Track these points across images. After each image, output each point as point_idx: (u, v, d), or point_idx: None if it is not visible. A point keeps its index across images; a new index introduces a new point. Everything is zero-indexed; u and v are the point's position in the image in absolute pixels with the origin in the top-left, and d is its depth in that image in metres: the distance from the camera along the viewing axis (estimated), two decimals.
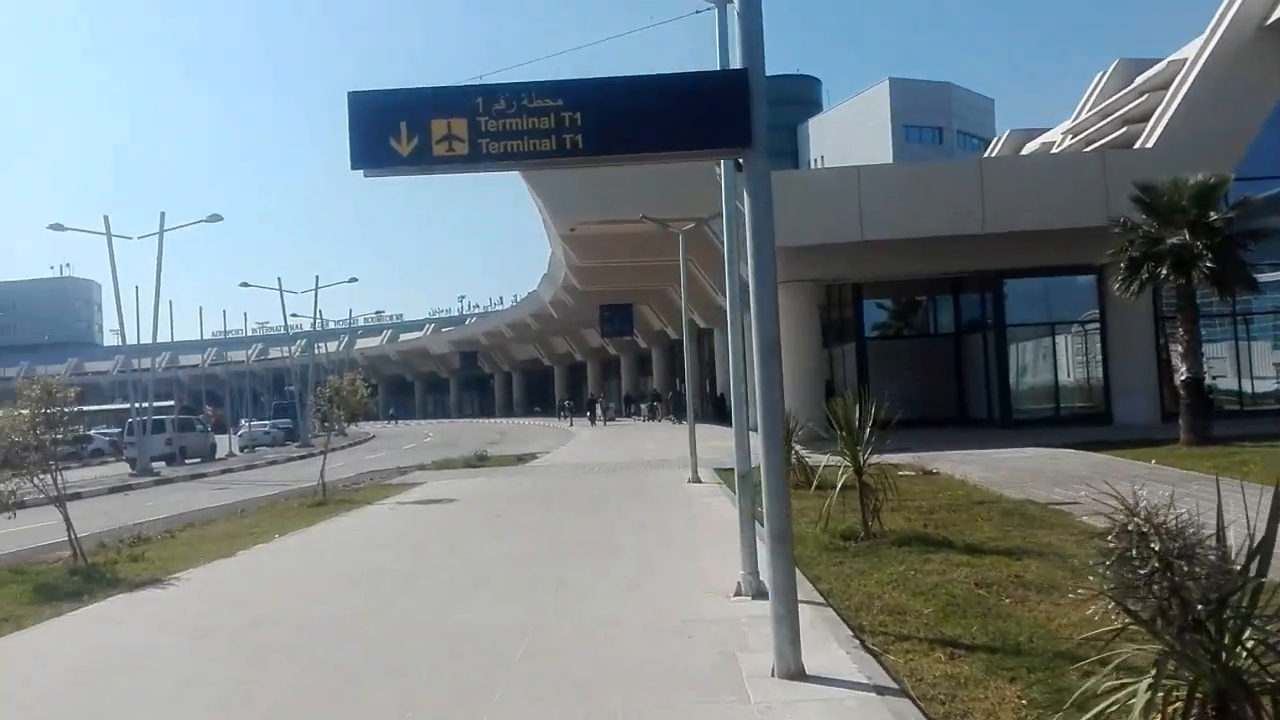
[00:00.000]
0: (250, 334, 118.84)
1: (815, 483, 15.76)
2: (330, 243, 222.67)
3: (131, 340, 40.54)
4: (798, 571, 8.61)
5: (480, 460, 24.16)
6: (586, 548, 10.30)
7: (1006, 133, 46.07)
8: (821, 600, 7.36)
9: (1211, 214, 19.31)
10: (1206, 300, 28.18)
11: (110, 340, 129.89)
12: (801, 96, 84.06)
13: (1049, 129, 42.13)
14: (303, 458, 38.54)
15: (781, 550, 5.17)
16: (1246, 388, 28.03)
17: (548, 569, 9.10)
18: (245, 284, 51.80)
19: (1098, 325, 27.73)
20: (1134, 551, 3.61)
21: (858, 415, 10.63)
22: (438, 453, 32.31)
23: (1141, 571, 3.63)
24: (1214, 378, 27.42)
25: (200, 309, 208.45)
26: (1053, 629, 6.54)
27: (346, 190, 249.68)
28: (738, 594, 7.48)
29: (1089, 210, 24.49)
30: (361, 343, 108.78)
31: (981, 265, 26.82)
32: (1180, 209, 19.41)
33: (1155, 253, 19.38)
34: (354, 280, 60.09)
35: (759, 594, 7.25)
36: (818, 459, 16.73)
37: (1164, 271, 19.15)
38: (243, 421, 55.34)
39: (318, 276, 60.99)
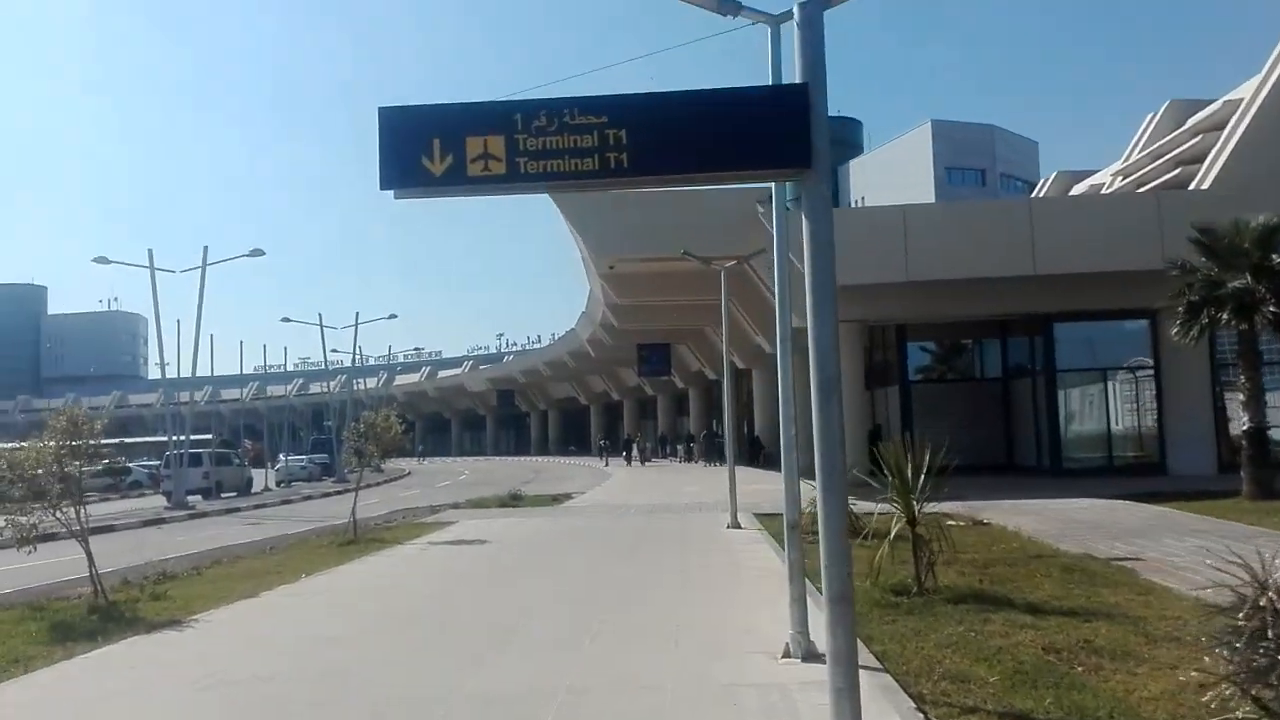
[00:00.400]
0: (291, 369, 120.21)
1: (864, 533, 15.19)
2: (372, 280, 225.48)
3: (173, 374, 40.82)
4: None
5: (514, 500, 23.73)
6: (622, 596, 9.78)
7: (1054, 175, 45.42)
8: (877, 664, 6.79)
9: (1274, 257, 18.60)
10: (1266, 347, 27.25)
11: (154, 374, 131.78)
12: (842, 138, 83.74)
13: (1097, 171, 41.46)
14: (338, 493, 38.37)
15: (842, 613, 4.66)
16: None
17: (581, 619, 8.61)
18: (287, 319, 52.52)
19: (1151, 371, 26.85)
20: (1270, 632, 3.05)
21: (910, 461, 10.05)
22: (472, 491, 31.96)
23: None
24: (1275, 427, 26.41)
25: (241, 343, 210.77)
26: (1133, 703, 5.93)
27: (387, 225, 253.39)
28: (786, 655, 6.91)
29: (1143, 253, 23.78)
30: (400, 379, 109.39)
31: (1031, 308, 26.13)
32: (1242, 251, 18.70)
33: (1215, 297, 18.65)
34: (393, 317, 60.60)
35: (809, 655, 6.71)
36: (863, 506, 16.16)
37: (1225, 316, 18.41)
38: (280, 456, 55.39)
39: (358, 313, 60.95)
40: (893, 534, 9.81)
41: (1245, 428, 18.85)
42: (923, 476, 10.01)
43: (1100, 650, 7.19)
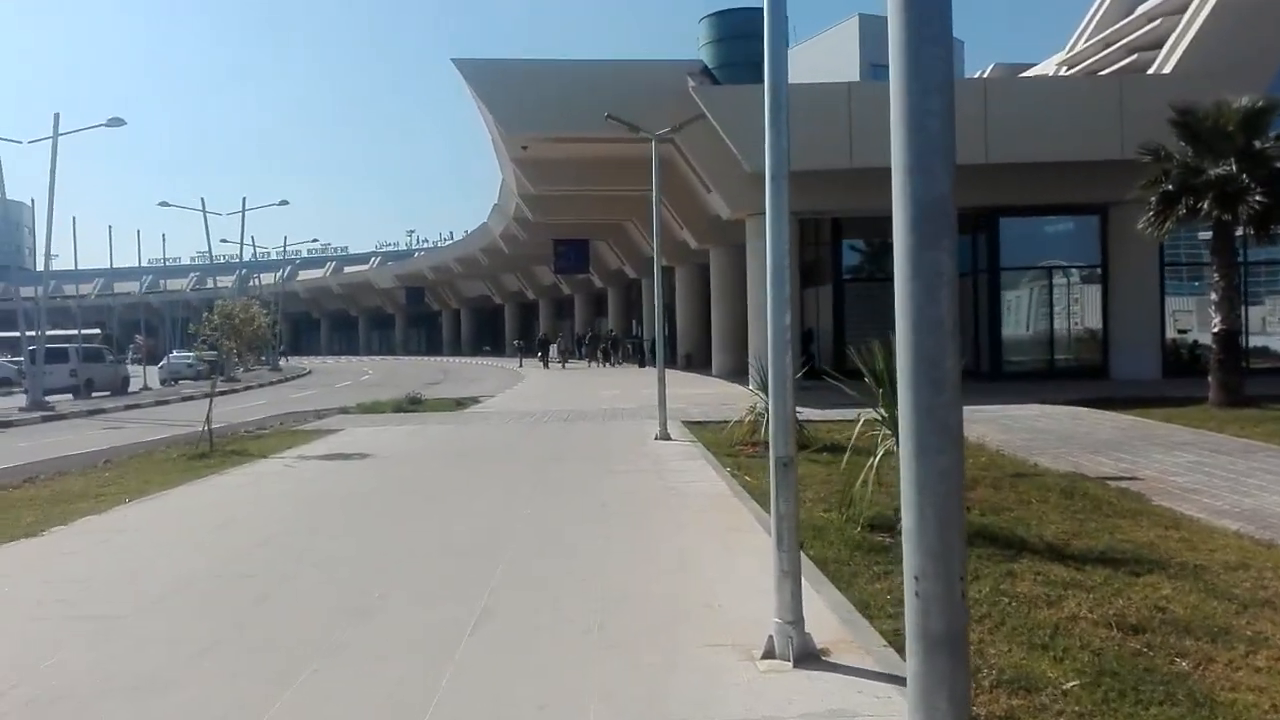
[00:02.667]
0: (189, 262, 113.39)
1: (813, 445, 13.15)
2: (278, 170, 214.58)
3: (67, 266, 36.61)
4: (840, 597, 5.92)
5: (412, 404, 21.15)
6: (527, 543, 7.38)
7: (991, 67, 43.27)
8: (890, 669, 4.56)
9: (1256, 142, 16.85)
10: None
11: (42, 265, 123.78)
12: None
13: (1035, 64, 39.45)
14: (224, 393, 35.21)
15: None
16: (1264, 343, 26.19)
17: (466, 586, 6.12)
18: (164, 203, 46.63)
19: (1098, 271, 25.37)
20: None
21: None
22: (372, 392, 29.21)
23: None
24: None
25: (138, 233, 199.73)
26: None
27: (298, 116, 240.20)
28: (769, 655, 4.58)
29: (1101, 141, 21.97)
30: (303, 274, 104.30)
31: (978, 200, 24.17)
32: (1226, 135, 16.88)
33: (1194, 185, 16.86)
34: (284, 203, 56.18)
35: (805, 657, 4.46)
36: (806, 414, 14.09)
37: (1204, 206, 16.63)
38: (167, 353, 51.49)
39: (245, 198, 56.41)
40: (879, 454, 7.67)
41: (1216, 329, 17.32)
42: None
43: (1186, 626, 5.19)
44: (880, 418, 7.94)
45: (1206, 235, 28.84)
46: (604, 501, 8.91)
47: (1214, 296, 17.54)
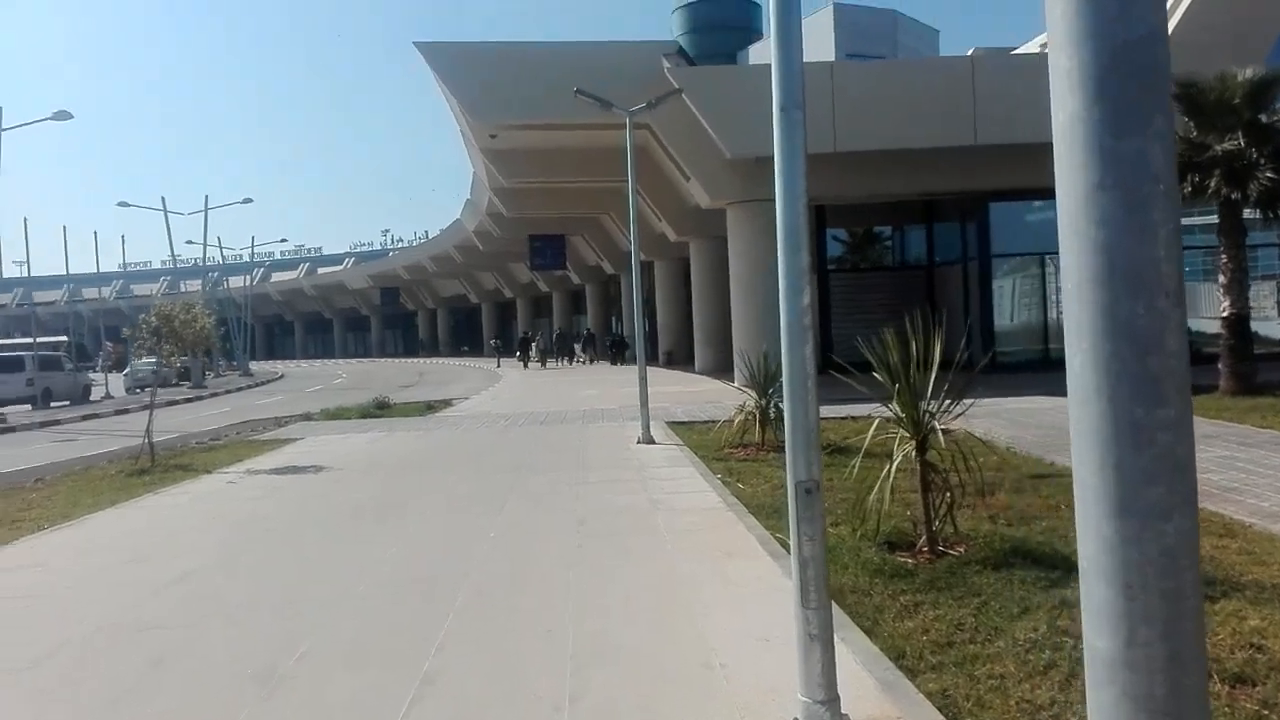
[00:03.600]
0: (160, 266, 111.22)
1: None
2: (248, 172, 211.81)
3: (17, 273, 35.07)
4: (870, 646, 4.84)
5: (379, 409, 19.98)
6: (487, 579, 6.22)
7: (971, 51, 42.43)
8: None
9: (1263, 116, 16.00)
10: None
11: (10, 271, 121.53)
12: (740, 23, 79.24)
13: (1016, 47, 38.61)
14: (189, 400, 33.95)
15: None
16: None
17: (408, 641, 4.97)
18: (124, 204, 44.47)
19: None
20: None
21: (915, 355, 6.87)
22: (344, 396, 27.97)
23: None
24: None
25: (95, 234, 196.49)
26: None
27: (262, 113, 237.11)
28: None
29: None
30: (277, 276, 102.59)
31: (967, 185, 23.29)
32: (1230, 109, 15.99)
33: (1200, 161, 15.96)
34: (248, 201, 54.07)
35: None
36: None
37: (1211, 184, 15.74)
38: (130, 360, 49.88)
39: (207, 196, 54.93)
40: (896, 460, 6.66)
41: (1225, 314, 16.44)
42: (932, 375, 6.86)
43: None
44: (895, 418, 6.92)
45: (1193, 220, 28.29)
46: (581, 518, 7.83)
47: (1222, 280, 16.66)
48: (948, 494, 6.71)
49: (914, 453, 6.67)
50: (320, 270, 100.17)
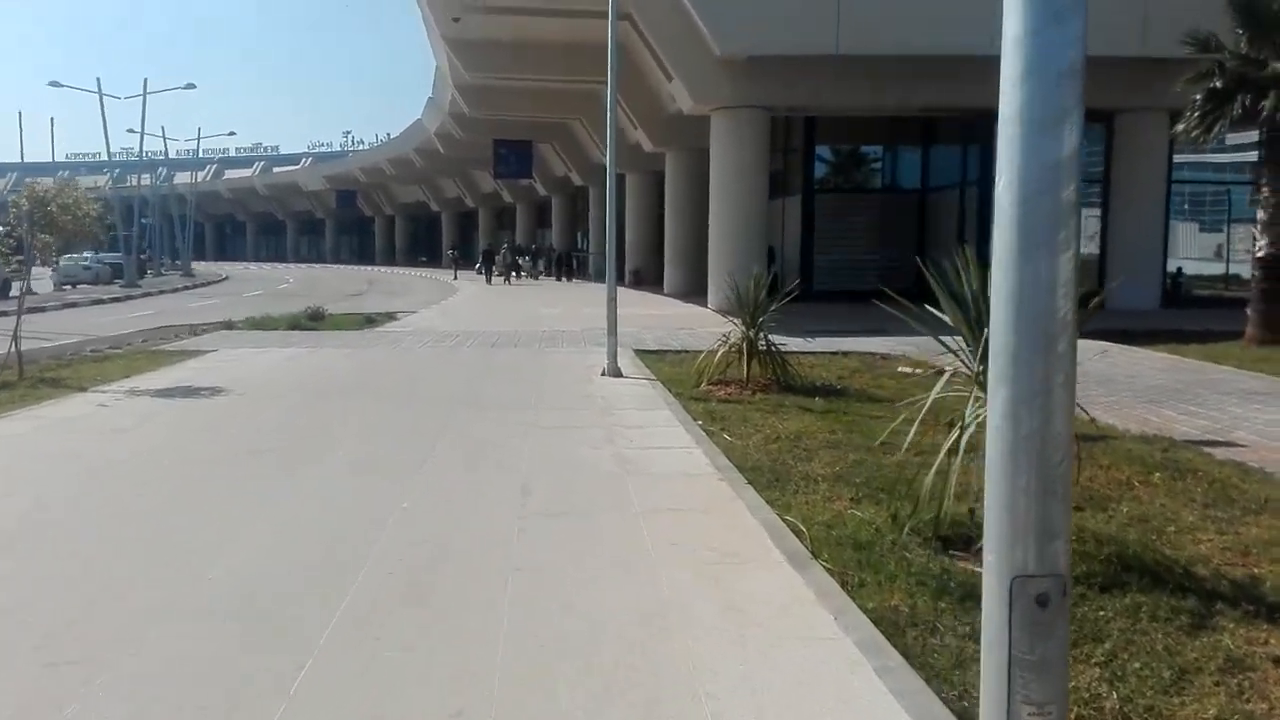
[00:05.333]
0: (111, 158, 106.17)
1: (798, 385, 10.29)
2: (208, 69, 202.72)
3: None
4: None
5: (312, 320, 17.78)
6: (378, 592, 4.11)
7: None
8: None
9: None
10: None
11: None
12: None
13: None
14: (116, 300, 31.39)
15: None
16: None
17: (235, 706, 3.10)
18: (55, 84, 40.25)
19: (1098, 187, 22.71)
20: None
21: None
22: (286, 303, 25.64)
23: None
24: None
25: (51, 120, 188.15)
26: None
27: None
28: None
29: (1119, 35, 19.04)
30: (230, 173, 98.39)
31: (975, 101, 21.16)
32: None
33: (1255, 80, 14.08)
34: (191, 86, 49.78)
35: None
36: (781, 341, 11.22)
37: (1266, 106, 13.88)
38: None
39: (146, 79, 50.92)
40: (971, 423, 4.76)
41: (1261, 253, 14.75)
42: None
43: None
44: (970, 371, 5.05)
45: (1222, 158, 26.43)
46: (525, 483, 5.87)
47: (1260, 215, 14.93)
48: None
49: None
50: (276, 170, 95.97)
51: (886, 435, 7.44)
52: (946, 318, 5.10)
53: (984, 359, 4.84)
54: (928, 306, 5.36)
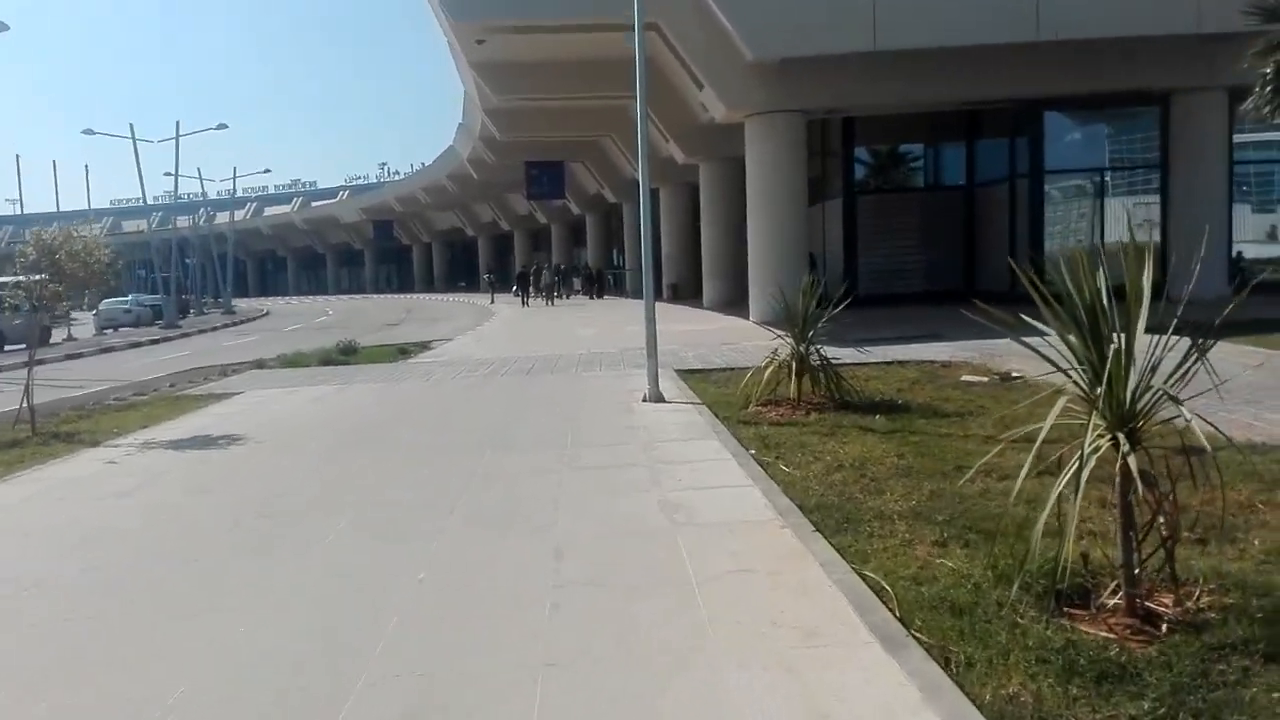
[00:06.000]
0: (152, 202, 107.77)
1: (855, 402, 9.47)
2: (244, 112, 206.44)
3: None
4: None
5: (345, 354, 17.27)
6: (379, 699, 3.54)
7: None
8: None
9: None
10: None
11: (3, 209, 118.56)
12: None
13: None
14: (154, 343, 31.27)
15: None
16: None
17: None
18: (89, 131, 40.59)
19: (1156, 173, 21.58)
20: None
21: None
22: (325, 336, 25.29)
23: None
24: None
25: (86, 168, 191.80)
26: None
27: (252, 41, 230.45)
28: None
29: (1173, 11, 18.07)
30: (270, 211, 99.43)
31: (1021, 91, 20.25)
32: None
33: None
34: (223, 126, 49.92)
35: None
36: (833, 354, 10.41)
37: None
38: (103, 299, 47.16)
39: (178, 122, 51.36)
40: (1090, 463, 3.93)
41: None
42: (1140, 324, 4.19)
43: None
44: (1082, 391, 4.22)
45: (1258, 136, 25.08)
46: (558, 547, 5.11)
47: None
48: (1161, 520, 4.06)
49: (1120, 449, 3.97)
50: (314, 204, 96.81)
51: (960, 457, 6.62)
52: (1051, 328, 4.28)
53: (1100, 378, 4.05)
54: (1024, 316, 4.56)
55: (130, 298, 43.48)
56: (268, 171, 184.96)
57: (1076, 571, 4.27)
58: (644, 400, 10.12)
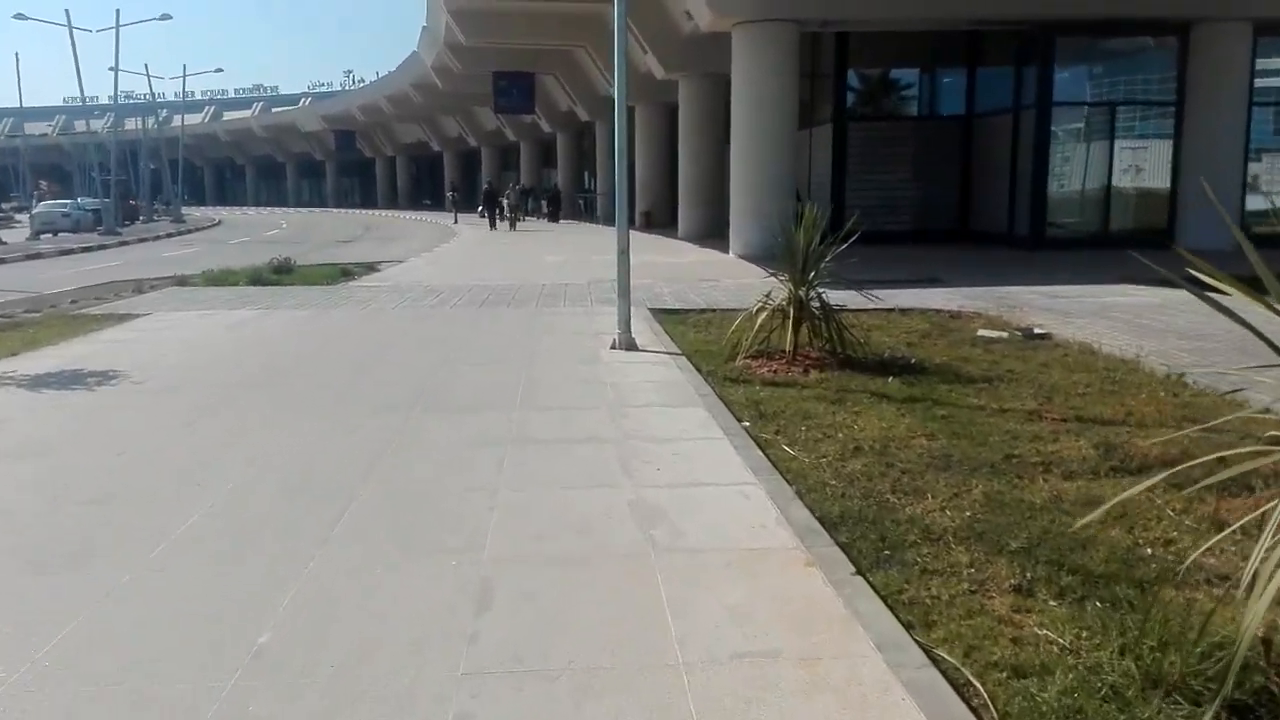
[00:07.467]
0: (108, 102, 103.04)
1: (866, 359, 8.01)
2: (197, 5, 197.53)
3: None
4: None
5: (276, 273, 15.45)
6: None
7: None
8: None
9: None
10: None
11: None
12: None
13: None
14: (88, 250, 29.08)
15: None
16: None
17: None
18: (20, 16, 36.85)
19: (1170, 110, 20.02)
20: None
21: None
22: (273, 250, 23.14)
23: None
24: None
25: (16, 56, 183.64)
26: None
27: None
28: None
29: None
30: (229, 115, 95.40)
31: (1032, 10, 18.52)
32: None
33: None
34: (167, 18, 45.60)
35: None
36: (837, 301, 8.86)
37: None
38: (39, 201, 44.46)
39: (118, 10, 47.78)
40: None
41: None
42: None
43: None
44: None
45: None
46: (484, 589, 3.46)
47: None
48: None
49: None
50: (275, 110, 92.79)
51: (1007, 442, 5.16)
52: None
53: None
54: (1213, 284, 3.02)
55: (70, 202, 40.81)
56: (219, 71, 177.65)
57: (1263, 669, 2.82)
58: (613, 347, 8.55)
